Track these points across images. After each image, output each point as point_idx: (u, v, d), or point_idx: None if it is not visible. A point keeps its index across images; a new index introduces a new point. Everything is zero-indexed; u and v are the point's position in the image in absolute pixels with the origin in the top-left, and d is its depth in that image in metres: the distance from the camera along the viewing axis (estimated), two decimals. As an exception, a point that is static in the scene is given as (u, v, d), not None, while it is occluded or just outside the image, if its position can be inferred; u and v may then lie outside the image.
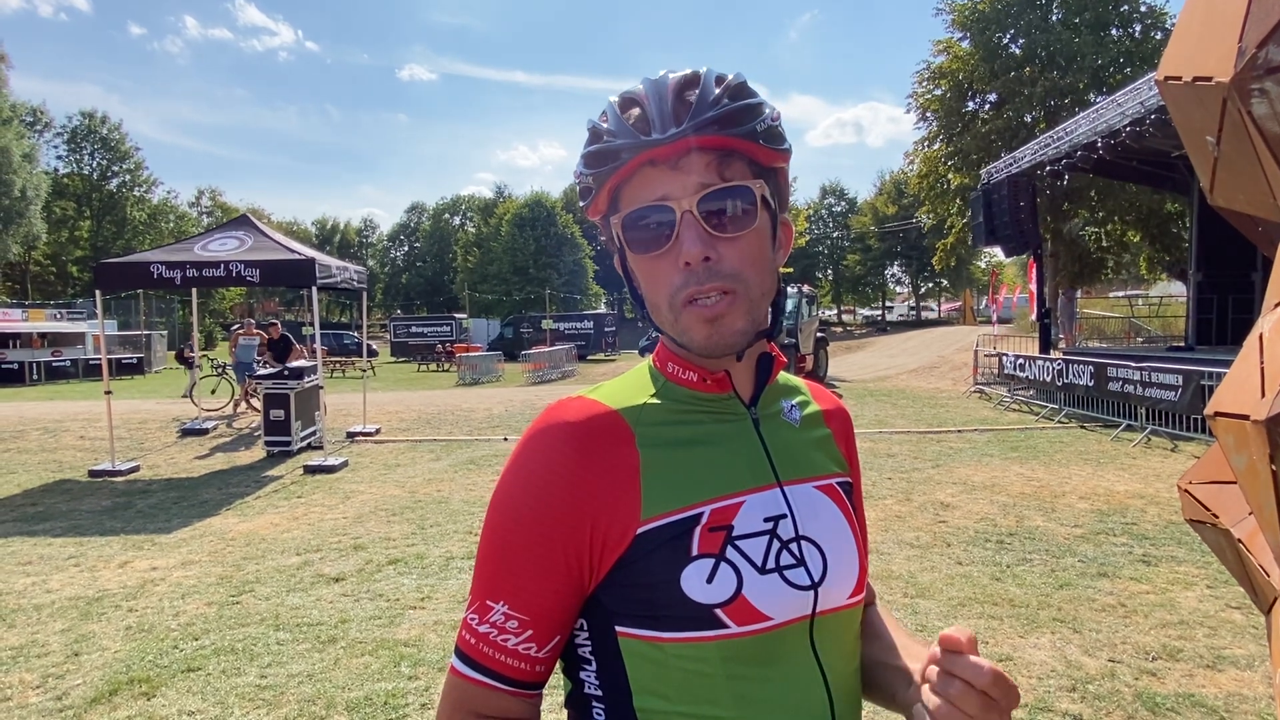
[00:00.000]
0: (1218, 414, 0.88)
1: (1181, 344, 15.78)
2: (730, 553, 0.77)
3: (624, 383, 0.89)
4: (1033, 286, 18.32)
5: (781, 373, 0.95)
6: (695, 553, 0.76)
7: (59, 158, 49.64)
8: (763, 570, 0.77)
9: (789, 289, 18.18)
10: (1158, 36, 23.28)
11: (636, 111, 0.79)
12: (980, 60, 24.35)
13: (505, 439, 11.11)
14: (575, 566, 0.77)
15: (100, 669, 3.80)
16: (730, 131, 0.77)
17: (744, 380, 0.88)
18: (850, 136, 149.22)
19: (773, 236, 0.83)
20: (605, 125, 0.80)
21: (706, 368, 0.85)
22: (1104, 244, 25.64)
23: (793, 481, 0.85)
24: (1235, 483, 1.07)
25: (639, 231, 0.79)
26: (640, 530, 0.76)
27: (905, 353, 28.30)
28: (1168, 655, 3.69)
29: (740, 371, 0.87)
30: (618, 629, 0.78)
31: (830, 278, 64.17)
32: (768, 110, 0.80)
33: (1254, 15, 0.84)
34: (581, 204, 0.85)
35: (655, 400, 0.85)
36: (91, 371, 24.82)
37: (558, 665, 0.85)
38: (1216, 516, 1.16)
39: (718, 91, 0.78)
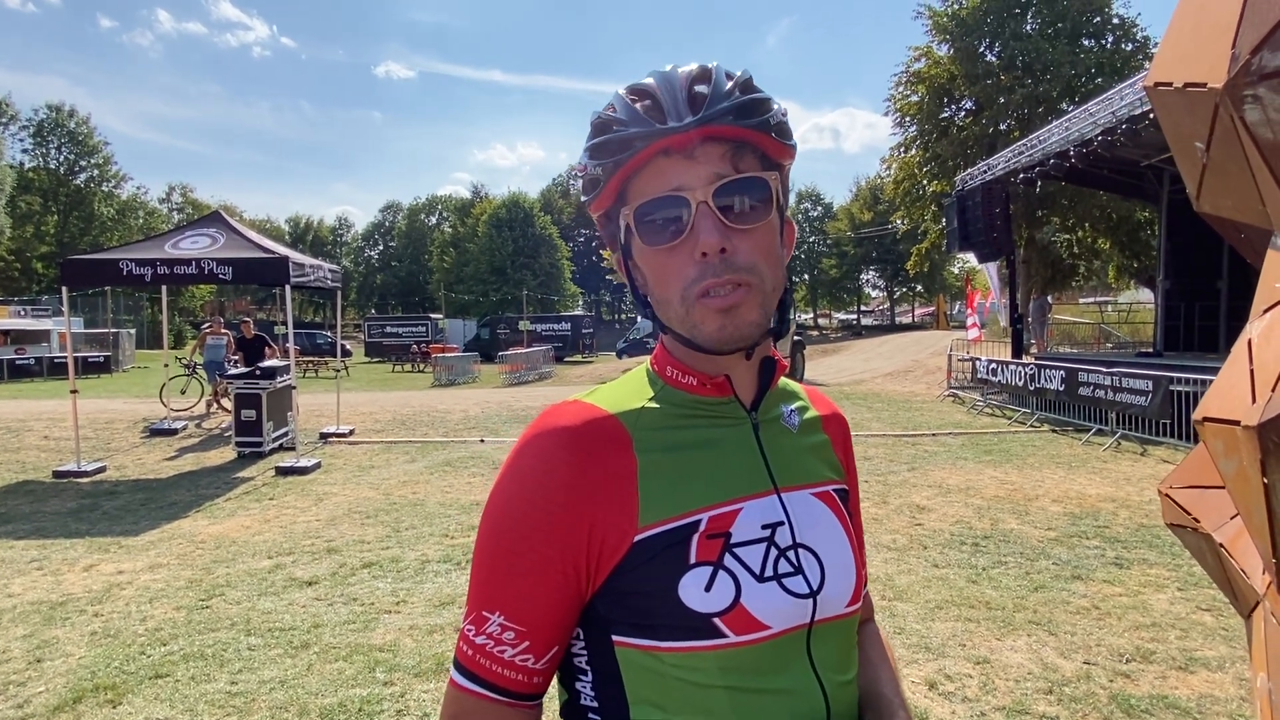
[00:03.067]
0: (1206, 419, 0.88)
1: (1150, 350, 16.07)
2: (728, 560, 0.75)
3: (621, 386, 0.87)
4: (996, 291, 18.62)
5: (781, 378, 0.94)
6: (693, 560, 0.75)
7: (24, 151, 48.55)
8: (761, 578, 0.76)
9: None
10: (1128, 48, 23.74)
11: (648, 102, 0.78)
12: (958, 67, 24.65)
13: (481, 440, 11.03)
14: (572, 575, 0.76)
15: (63, 676, 3.70)
16: (745, 123, 0.77)
17: (745, 384, 0.86)
18: (827, 142, 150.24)
19: (780, 234, 0.83)
20: (615, 115, 0.79)
21: (706, 372, 0.84)
22: (1075, 251, 26.05)
23: (790, 488, 0.84)
24: (1216, 487, 1.07)
25: (651, 223, 0.78)
26: (638, 538, 0.75)
27: (880, 356, 28.53)
28: (1141, 657, 3.74)
29: (742, 375, 0.85)
30: (614, 638, 0.77)
31: (807, 282, 64.61)
32: (777, 106, 0.80)
33: (1248, 20, 0.83)
34: (584, 198, 0.84)
35: (654, 404, 0.83)
36: (57, 370, 24.23)
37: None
38: (1198, 521, 1.17)
39: (729, 85, 0.78)
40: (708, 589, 0.74)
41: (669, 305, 0.79)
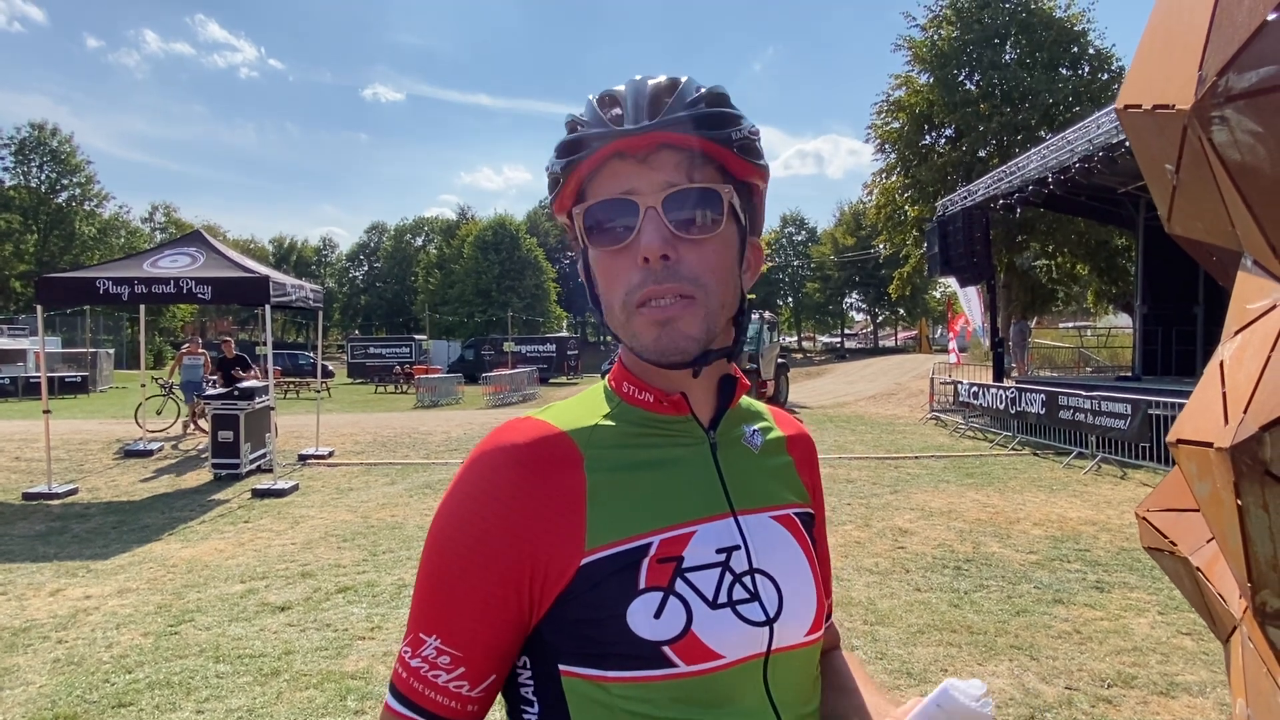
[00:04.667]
0: (1180, 441, 0.87)
1: (1129, 374, 16.25)
2: (680, 586, 0.72)
3: (576, 403, 0.85)
4: (973, 315, 18.83)
5: (745, 397, 0.91)
6: (643, 586, 0.72)
7: (5, 169, 48.11)
8: (714, 605, 0.73)
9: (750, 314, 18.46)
10: (1104, 77, 24.25)
11: (616, 110, 0.77)
12: (937, 95, 25.05)
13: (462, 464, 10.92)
14: (514, 600, 0.73)
15: (23, 705, 3.58)
16: (704, 133, 0.75)
17: (703, 403, 0.84)
18: (811, 168, 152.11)
19: (740, 253, 0.81)
20: (581, 117, 0.78)
21: (663, 388, 0.81)
22: (1054, 276, 26.40)
23: (748, 511, 0.81)
24: (1193, 510, 1.06)
25: (601, 224, 0.77)
26: (584, 561, 0.72)
27: (863, 379, 28.69)
28: (1123, 682, 3.72)
29: (699, 393, 0.83)
30: (561, 668, 0.73)
31: (791, 305, 65.04)
32: (745, 123, 0.79)
33: (1214, 42, 0.83)
34: (549, 197, 0.83)
35: (608, 422, 0.81)
36: (32, 390, 23.82)
37: (502, 705, 0.80)
38: (1175, 544, 1.15)
39: (695, 96, 0.77)
40: (657, 616, 0.71)
41: (613, 311, 0.78)
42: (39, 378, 14.07)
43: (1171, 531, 1.17)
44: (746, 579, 0.76)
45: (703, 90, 0.77)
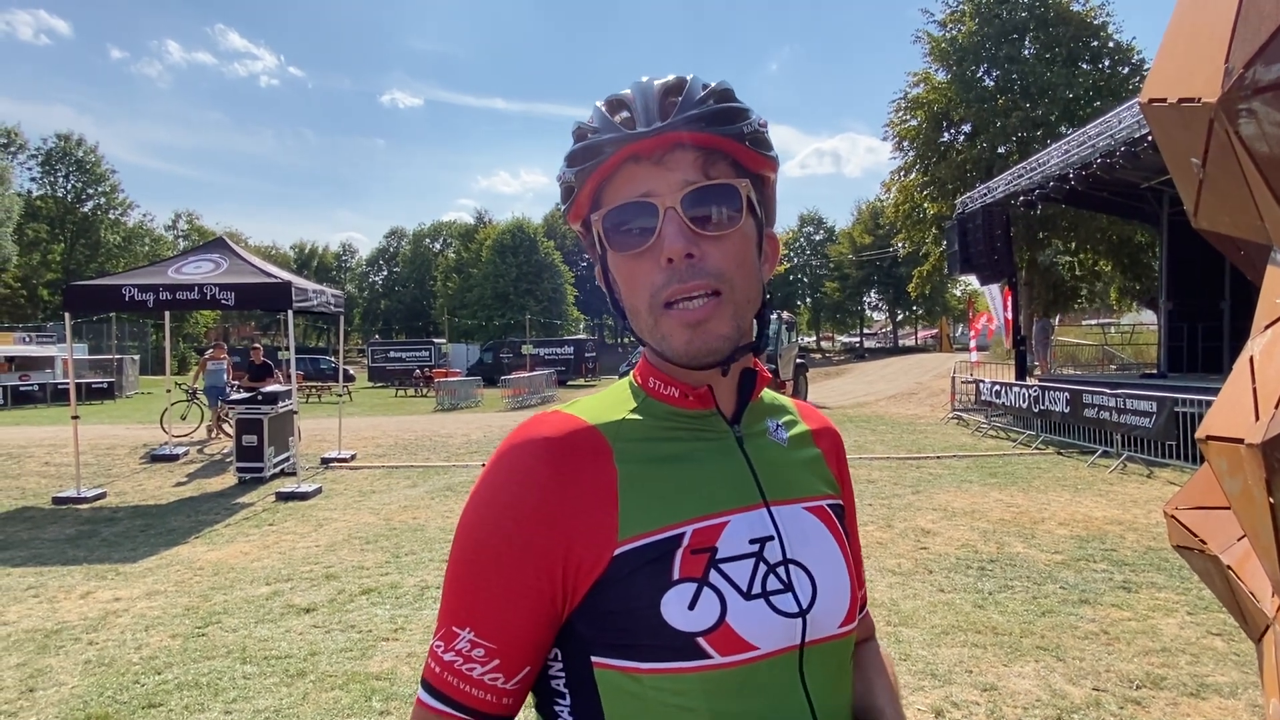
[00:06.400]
0: (1209, 438, 0.86)
1: (1154, 371, 16.01)
2: (714, 576, 0.72)
3: (603, 398, 0.85)
4: (997, 313, 18.64)
5: (768, 391, 0.92)
6: (677, 576, 0.72)
7: (32, 180, 49.09)
8: (748, 596, 0.73)
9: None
10: (1125, 71, 23.94)
11: (624, 112, 0.78)
12: (956, 91, 24.86)
13: (483, 465, 10.97)
14: (548, 591, 0.73)
15: (56, 705, 3.65)
16: (716, 130, 0.76)
17: (727, 397, 0.84)
18: (828, 167, 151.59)
19: (758, 246, 0.81)
20: (590, 124, 0.78)
21: (688, 383, 0.82)
22: (1077, 273, 26.09)
23: (780, 502, 0.81)
24: (1223, 508, 1.05)
25: (620, 229, 0.77)
26: (618, 551, 0.72)
27: (883, 379, 28.49)
28: (1151, 684, 3.67)
29: (723, 388, 0.84)
30: (594, 659, 0.73)
31: (809, 305, 64.74)
32: (754, 116, 0.79)
33: (1240, 35, 0.82)
34: (562, 207, 0.83)
35: (635, 416, 0.81)
36: (60, 396, 24.29)
37: (531, 699, 0.80)
38: (1204, 542, 1.14)
39: (703, 93, 0.77)
40: (691, 607, 0.71)
41: (638, 315, 0.78)
42: (67, 384, 14.37)
43: (1201, 529, 1.16)
44: (780, 570, 0.76)
45: (709, 87, 0.78)
